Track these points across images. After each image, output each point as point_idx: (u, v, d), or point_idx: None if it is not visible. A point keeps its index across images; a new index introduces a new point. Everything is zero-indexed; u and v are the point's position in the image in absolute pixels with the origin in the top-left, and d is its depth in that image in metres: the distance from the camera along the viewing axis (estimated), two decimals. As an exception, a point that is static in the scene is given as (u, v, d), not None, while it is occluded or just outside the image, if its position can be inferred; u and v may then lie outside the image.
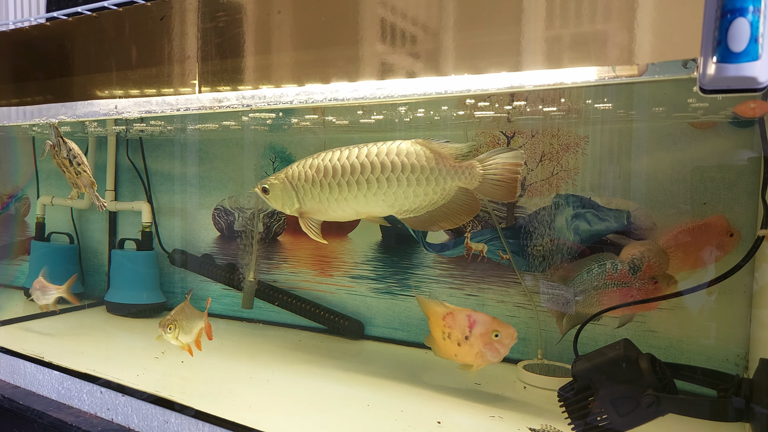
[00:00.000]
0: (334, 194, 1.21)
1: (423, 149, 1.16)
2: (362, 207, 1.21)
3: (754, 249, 1.22)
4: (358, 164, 1.18)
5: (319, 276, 1.95)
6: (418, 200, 1.17)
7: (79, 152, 1.56)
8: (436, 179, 1.15)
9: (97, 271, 2.43)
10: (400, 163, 1.15)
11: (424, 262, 1.77)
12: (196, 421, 1.26)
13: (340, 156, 1.20)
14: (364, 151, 1.18)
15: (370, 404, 1.34)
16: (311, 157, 1.25)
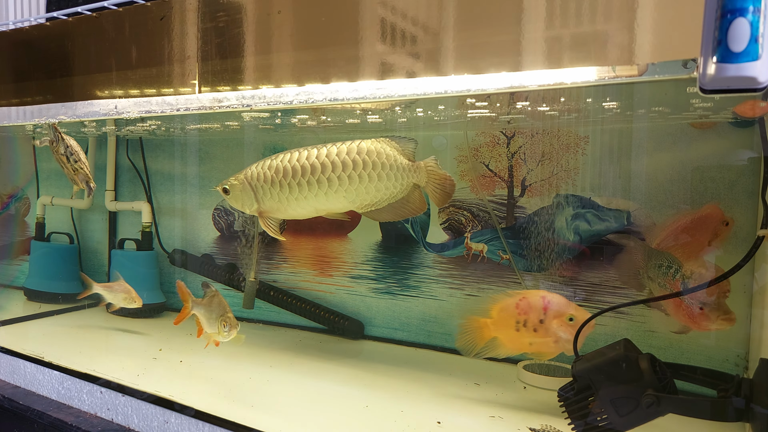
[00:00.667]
0: (293, 193, 1.25)
1: (384, 147, 1.22)
2: (322, 204, 1.26)
3: (754, 249, 1.22)
4: (318, 164, 1.22)
5: (319, 276, 1.95)
6: (379, 195, 1.22)
7: (77, 149, 1.56)
8: (395, 175, 1.21)
9: (97, 271, 2.43)
10: (361, 160, 1.20)
11: (424, 262, 1.77)
12: (196, 421, 1.26)
13: (299, 157, 1.24)
14: (324, 151, 1.23)
15: (370, 404, 1.34)
16: (269, 158, 1.28)
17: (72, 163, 1.54)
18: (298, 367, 1.61)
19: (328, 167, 1.22)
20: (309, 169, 1.23)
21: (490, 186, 1.66)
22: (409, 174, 1.22)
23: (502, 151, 1.64)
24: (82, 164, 1.56)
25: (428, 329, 1.77)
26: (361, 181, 1.21)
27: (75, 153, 1.54)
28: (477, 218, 1.69)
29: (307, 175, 1.23)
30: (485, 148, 1.66)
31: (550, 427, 1.17)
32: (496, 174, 1.65)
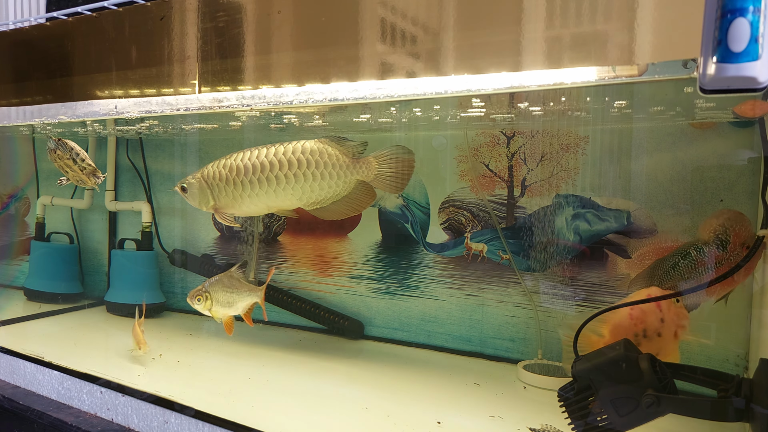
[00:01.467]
0: (246, 191, 1.31)
1: (326, 147, 1.29)
2: (273, 201, 1.32)
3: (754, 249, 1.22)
4: (267, 162, 1.29)
5: (319, 276, 1.95)
6: (323, 192, 1.30)
7: (79, 149, 1.57)
8: (338, 173, 1.29)
9: (97, 271, 2.43)
10: (305, 160, 1.28)
11: (424, 262, 1.77)
12: (196, 421, 1.26)
13: (251, 155, 1.31)
14: (272, 150, 1.30)
15: (370, 404, 1.34)
16: (225, 157, 1.35)
17: (79, 163, 1.55)
18: (298, 367, 1.61)
19: (275, 165, 1.29)
20: (259, 168, 1.30)
21: (490, 186, 1.66)
22: (352, 171, 1.29)
23: (502, 151, 1.64)
24: (88, 161, 1.57)
25: (428, 329, 1.77)
26: (305, 179, 1.28)
27: (80, 153, 1.55)
28: (477, 218, 1.69)
29: (258, 173, 1.30)
30: (485, 148, 1.66)
31: (550, 426, 1.17)
32: (496, 174, 1.65)
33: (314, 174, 1.28)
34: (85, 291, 2.39)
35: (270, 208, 1.35)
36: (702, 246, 1.27)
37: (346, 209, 1.34)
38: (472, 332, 1.70)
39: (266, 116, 1.54)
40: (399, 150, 1.30)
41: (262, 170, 1.30)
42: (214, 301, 1.36)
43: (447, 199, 1.74)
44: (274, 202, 1.33)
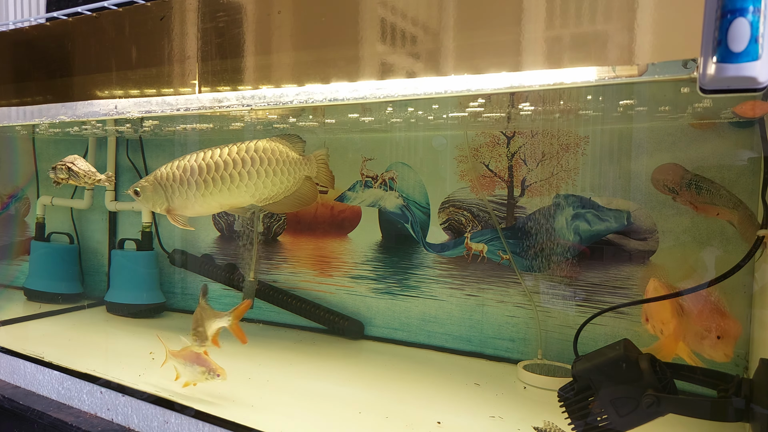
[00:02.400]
0: (201, 190, 1.36)
1: (278, 145, 1.36)
2: (226, 199, 1.37)
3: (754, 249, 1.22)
4: (222, 162, 1.35)
5: (319, 276, 1.95)
6: (276, 188, 1.36)
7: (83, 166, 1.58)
8: (289, 170, 1.36)
9: (97, 271, 2.43)
10: (258, 158, 1.34)
11: (424, 262, 1.77)
12: (196, 421, 1.26)
13: (205, 156, 1.37)
14: (226, 150, 1.36)
15: (370, 404, 1.34)
16: (178, 159, 1.40)
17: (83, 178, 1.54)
18: (298, 367, 1.61)
19: (230, 164, 1.34)
20: (214, 167, 1.35)
21: (490, 186, 1.66)
22: (301, 167, 1.38)
23: (502, 151, 1.64)
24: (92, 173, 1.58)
25: (428, 329, 1.77)
26: (259, 176, 1.34)
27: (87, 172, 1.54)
28: (477, 218, 1.69)
29: (212, 172, 1.35)
30: (485, 148, 1.66)
31: (552, 425, 1.17)
32: (496, 174, 1.65)
33: (267, 171, 1.34)
34: (85, 291, 2.39)
35: (223, 206, 1.40)
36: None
37: (296, 203, 1.41)
38: (472, 332, 1.70)
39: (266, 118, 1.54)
40: (325, 151, 1.41)
41: (216, 169, 1.35)
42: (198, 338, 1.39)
43: (447, 199, 1.74)
44: (227, 199, 1.37)
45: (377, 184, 1.84)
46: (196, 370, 1.39)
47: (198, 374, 1.37)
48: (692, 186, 1.36)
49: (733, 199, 1.33)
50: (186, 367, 1.39)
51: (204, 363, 1.38)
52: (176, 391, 1.37)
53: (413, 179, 1.78)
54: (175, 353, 1.41)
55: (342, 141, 1.90)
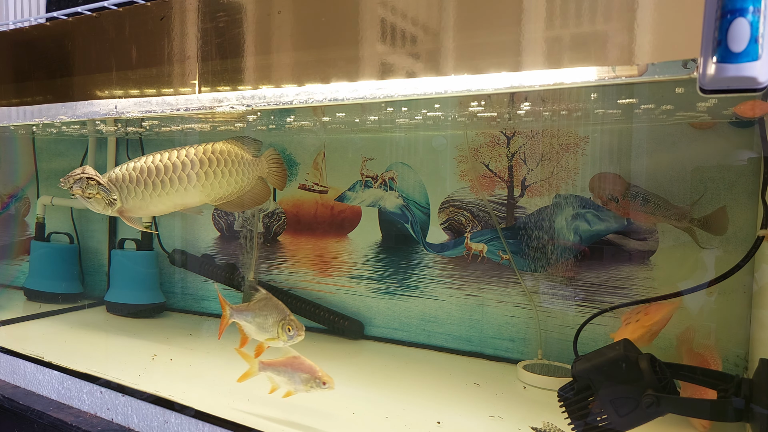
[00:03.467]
0: (157, 190, 1.40)
1: (233, 147, 1.42)
2: (181, 199, 1.42)
3: (754, 249, 1.22)
4: (180, 163, 1.39)
5: (319, 276, 1.95)
6: (230, 188, 1.42)
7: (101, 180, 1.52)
8: (243, 170, 1.42)
9: (97, 271, 2.43)
10: (215, 159, 1.39)
11: (424, 262, 1.77)
12: (196, 421, 1.26)
13: (161, 158, 1.41)
14: (183, 152, 1.41)
15: (370, 404, 1.34)
16: (132, 160, 1.43)
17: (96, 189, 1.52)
18: (298, 367, 1.61)
19: (187, 165, 1.39)
20: (171, 167, 1.39)
21: (490, 186, 1.66)
22: (254, 168, 1.43)
23: (502, 151, 1.64)
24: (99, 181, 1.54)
25: (428, 329, 1.77)
26: (215, 177, 1.39)
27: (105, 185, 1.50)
28: (477, 218, 1.69)
29: (170, 173, 1.39)
30: (485, 148, 1.66)
31: (551, 425, 1.17)
32: (496, 174, 1.65)
33: (222, 171, 1.39)
34: (85, 291, 2.39)
35: (177, 206, 1.44)
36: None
37: (249, 202, 1.47)
38: (472, 332, 1.70)
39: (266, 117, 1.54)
40: (276, 152, 1.47)
41: (174, 170, 1.39)
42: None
43: (447, 199, 1.74)
44: (182, 200, 1.42)
45: (377, 184, 1.84)
46: (298, 379, 1.21)
47: (300, 384, 1.21)
48: (638, 197, 1.42)
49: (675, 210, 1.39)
50: (286, 376, 1.22)
51: (308, 369, 1.21)
52: (176, 391, 1.37)
53: (413, 179, 1.78)
54: (270, 362, 1.24)
55: (342, 141, 1.90)
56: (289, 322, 1.25)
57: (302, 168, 1.97)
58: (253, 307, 1.28)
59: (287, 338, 1.24)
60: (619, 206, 1.44)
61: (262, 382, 1.49)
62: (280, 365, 1.24)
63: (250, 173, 1.44)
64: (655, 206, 1.39)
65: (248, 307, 1.28)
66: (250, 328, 1.29)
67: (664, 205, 1.39)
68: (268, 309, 1.26)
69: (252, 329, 1.29)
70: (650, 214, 1.40)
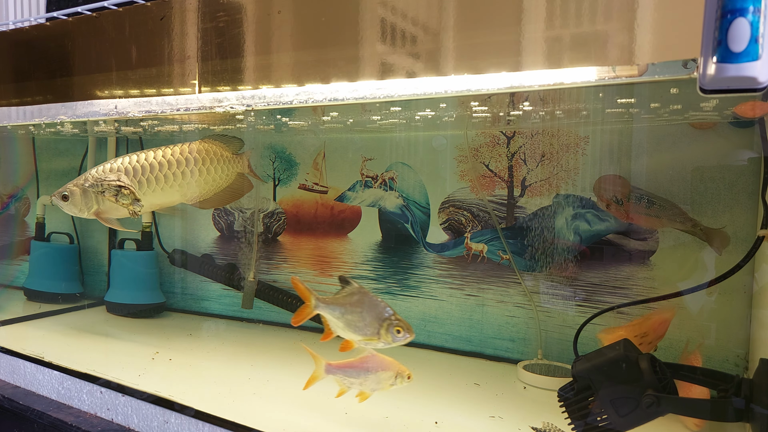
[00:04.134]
0: (151, 187, 1.42)
1: (210, 146, 1.45)
2: (158, 199, 1.44)
3: (754, 249, 1.22)
4: (156, 163, 1.41)
5: (319, 276, 1.95)
6: (207, 186, 1.45)
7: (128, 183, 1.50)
8: (221, 168, 1.45)
9: (97, 271, 2.43)
10: (192, 158, 1.42)
11: (424, 262, 1.77)
12: (196, 421, 1.26)
13: (138, 158, 1.42)
14: (160, 153, 1.43)
15: (370, 404, 1.34)
16: (107, 162, 1.44)
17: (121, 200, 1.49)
18: (298, 367, 1.61)
19: (164, 165, 1.41)
20: (148, 168, 1.41)
21: (490, 186, 1.66)
22: (233, 164, 1.47)
23: (502, 151, 1.64)
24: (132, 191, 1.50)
25: (428, 329, 1.77)
26: (192, 176, 1.42)
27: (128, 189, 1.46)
28: (477, 218, 1.69)
29: (146, 173, 1.41)
30: (485, 148, 1.66)
31: (551, 425, 1.17)
32: (496, 174, 1.65)
33: (200, 170, 1.42)
34: (85, 291, 2.39)
35: (153, 206, 1.46)
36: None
37: (229, 197, 1.51)
38: (472, 332, 1.70)
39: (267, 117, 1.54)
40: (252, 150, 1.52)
41: (151, 170, 1.41)
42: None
43: (447, 199, 1.74)
44: (159, 200, 1.44)
45: (377, 184, 1.84)
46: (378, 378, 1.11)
47: (381, 382, 1.11)
48: (642, 200, 1.40)
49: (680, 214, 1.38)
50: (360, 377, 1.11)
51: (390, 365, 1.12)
52: (176, 391, 1.37)
53: (413, 179, 1.78)
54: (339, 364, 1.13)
55: (342, 141, 1.90)
56: (397, 323, 1.08)
57: (302, 168, 1.97)
58: (343, 301, 1.12)
59: (392, 340, 1.08)
60: (622, 209, 1.43)
61: (263, 383, 1.49)
62: (352, 366, 1.12)
63: (229, 170, 1.47)
64: (660, 208, 1.38)
65: (337, 301, 1.12)
66: (337, 324, 1.12)
67: (669, 207, 1.38)
68: (364, 306, 1.10)
69: (339, 326, 1.12)
70: (655, 217, 1.39)
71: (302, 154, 1.97)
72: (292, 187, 1.99)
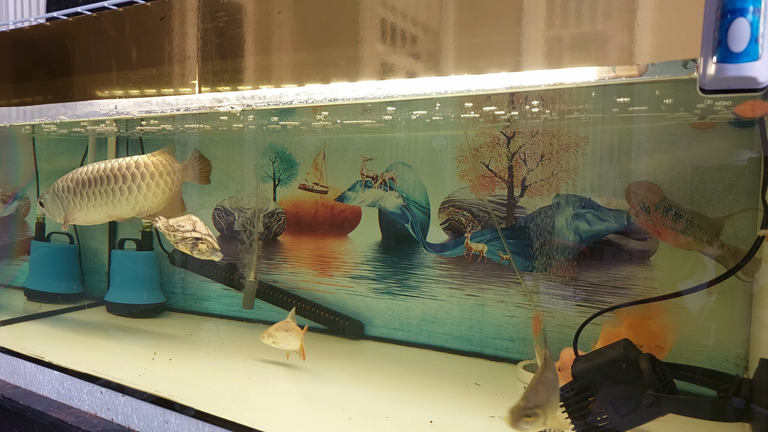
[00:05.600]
0: (92, 201, 1.46)
1: (158, 159, 1.46)
2: (111, 211, 1.47)
3: (754, 249, 1.22)
4: (106, 176, 1.44)
5: (319, 276, 1.95)
6: (157, 200, 1.46)
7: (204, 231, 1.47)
8: (172, 179, 1.46)
9: (97, 271, 2.43)
10: (139, 173, 1.44)
11: (424, 262, 1.77)
12: (196, 421, 1.26)
13: (94, 169, 1.45)
14: (109, 165, 1.45)
15: (370, 404, 1.34)
16: (74, 170, 1.47)
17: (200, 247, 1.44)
18: (297, 367, 1.61)
19: (112, 179, 1.43)
20: (100, 180, 1.44)
21: (490, 186, 1.66)
22: (181, 174, 1.48)
23: (502, 151, 1.64)
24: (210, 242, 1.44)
25: (428, 329, 1.77)
26: (139, 191, 1.44)
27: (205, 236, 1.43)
28: (477, 218, 1.69)
29: (99, 185, 1.44)
30: (485, 148, 1.66)
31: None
32: (496, 174, 1.65)
33: (148, 185, 1.44)
34: (85, 291, 2.39)
35: (111, 216, 1.49)
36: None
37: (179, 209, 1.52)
38: (472, 332, 1.70)
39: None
40: (198, 153, 1.53)
41: (101, 183, 1.44)
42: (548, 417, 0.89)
43: (447, 199, 1.74)
44: (113, 211, 1.47)
45: (377, 184, 1.84)
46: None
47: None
48: (670, 211, 1.32)
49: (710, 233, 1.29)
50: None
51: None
52: (176, 391, 1.37)
53: (413, 179, 1.78)
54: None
55: (342, 141, 1.90)
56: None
57: (302, 168, 1.97)
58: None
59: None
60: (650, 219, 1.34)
61: (263, 383, 1.49)
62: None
63: (177, 180, 1.48)
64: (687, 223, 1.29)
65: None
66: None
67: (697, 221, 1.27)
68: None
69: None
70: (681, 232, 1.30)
71: (302, 154, 1.97)
72: (292, 187, 1.99)
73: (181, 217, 1.47)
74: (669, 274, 1.43)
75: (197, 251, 1.39)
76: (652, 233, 1.40)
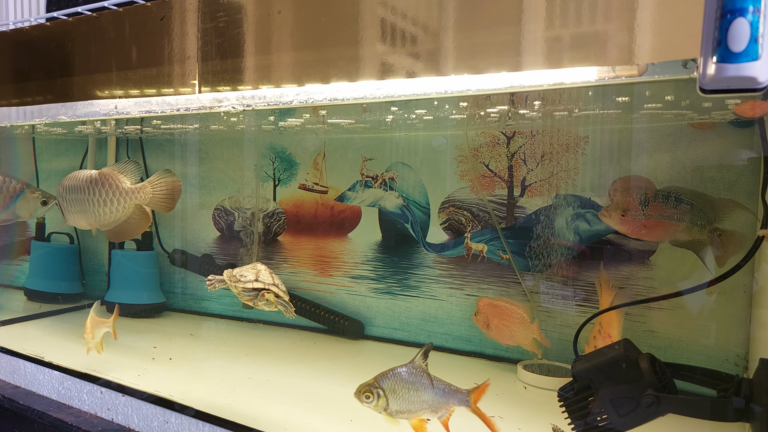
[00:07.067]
0: (74, 207, 1.49)
1: (109, 175, 1.42)
2: (82, 219, 1.50)
3: (754, 249, 1.22)
4: (78, 186, 1.45)
5: (319, 276, 1.95)
6: (107, 216, 1.43)
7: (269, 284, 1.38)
8: (117, 200, 1.41)
9: (97, 271, 2.43)
10: (90, 188, 1.43)
11: (424, 262, 1.77)
12: (196, 421, 1.26)
13: (73, 176, 1.48)
14: (82, 174, 1.46)
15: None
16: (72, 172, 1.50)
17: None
18: (297, 367, 1.61)
19: (76, 190, 1.45)
20: (69, 189, 1.47)
21: (490, 186, 1.66)
22: (130, 197, 1.40)
23: (502, 151, 1.64)
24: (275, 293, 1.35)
25: (428, 329, 1.77)
26: (90, 205, 1.43)
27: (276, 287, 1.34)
28: (477, 218, 1.69)
29: (71, 194, 1.47)
30: (485, 148, 1.66)
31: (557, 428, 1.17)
32: (496, 174, 1.65)
33: (98, 200, 1.42)
34: (85, 291, 2.39)
35: (91, 225, 1.50)
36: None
37: (127, 232, 1.46)
38: (472, 332, 1.70)
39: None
40: (166, 174, 1.41)
41: (71, 192, 1.47)
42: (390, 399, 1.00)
43: (447, 199, 1.74)
44: (83, 220, 1.50)
45: (377, 184, 1.84)
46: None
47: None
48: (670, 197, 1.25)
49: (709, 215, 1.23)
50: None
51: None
52: (176, 391, 1.37)
53: (413, 179, 1.78)
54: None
55: (342, 141, 1.90)
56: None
57: (302, 168, 1.97)
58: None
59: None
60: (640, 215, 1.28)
61: (263, 383, 1.49)
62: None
63: (126, 202, 1.40)
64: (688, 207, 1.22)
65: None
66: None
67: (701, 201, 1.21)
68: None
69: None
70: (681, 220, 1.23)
71: (302, 154, 1.97)
72: (292, 187, 1.99)
73: (246, 266, 1.34)
74: (669, 274, 1.43)
75: (264, 301, 1.29)
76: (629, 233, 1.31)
